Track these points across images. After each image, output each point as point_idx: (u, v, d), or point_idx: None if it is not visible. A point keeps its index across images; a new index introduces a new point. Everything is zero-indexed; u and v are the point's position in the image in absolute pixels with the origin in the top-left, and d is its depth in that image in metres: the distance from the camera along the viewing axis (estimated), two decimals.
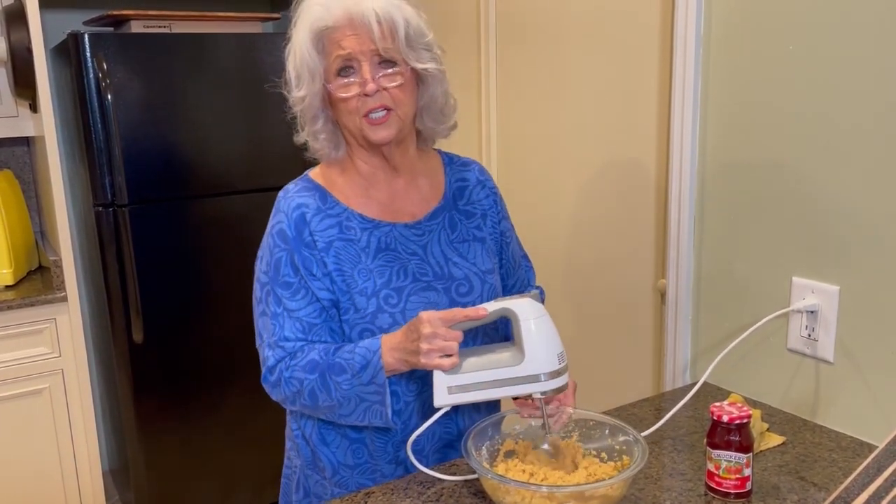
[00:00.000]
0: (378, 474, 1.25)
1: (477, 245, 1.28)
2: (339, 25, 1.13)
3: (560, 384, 1.09)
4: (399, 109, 1.16)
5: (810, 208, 1.34)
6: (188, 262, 2.44)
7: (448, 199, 1.29)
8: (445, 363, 1.07)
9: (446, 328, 1.07)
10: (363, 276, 1.19)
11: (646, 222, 1.75)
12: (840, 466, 1.21)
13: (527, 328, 1.07)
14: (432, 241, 1.25)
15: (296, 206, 1.20)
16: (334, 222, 1.21)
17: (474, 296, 1.24)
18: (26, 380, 2.31)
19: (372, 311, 1.18)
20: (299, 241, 1.18)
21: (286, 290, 1.18)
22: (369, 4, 1.12)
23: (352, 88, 1.14)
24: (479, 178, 1.34)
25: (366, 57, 1.13)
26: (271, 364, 1.20)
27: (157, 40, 2.30)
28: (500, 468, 1.11)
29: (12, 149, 2.78)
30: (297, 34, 1.17)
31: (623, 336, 1.85)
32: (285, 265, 1.19)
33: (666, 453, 1.27)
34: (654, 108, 1.68)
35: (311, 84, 1.17)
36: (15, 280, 2.40)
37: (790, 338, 1.40)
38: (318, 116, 1.21)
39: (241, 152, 2.47)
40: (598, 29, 1.80)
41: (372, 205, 1.24)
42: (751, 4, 1.39)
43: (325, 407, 1.18)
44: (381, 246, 1.21)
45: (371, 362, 1.12)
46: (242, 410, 2.62)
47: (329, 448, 1.26)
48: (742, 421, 1.08)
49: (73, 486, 2.42)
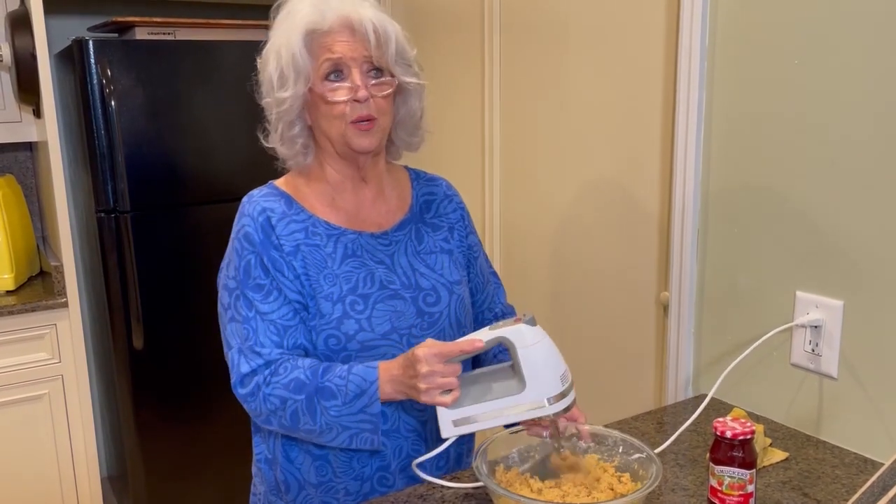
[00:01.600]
0: (342, 492, 1.23)
1: (444, 256, 1.28)
2: (332, 30, 1.13)
3: (565, 405, 1.07)
4: (382, 119, 1.17)
5: (815, 223, 1.33)
6: (189, 269, 2.44)
7: (415, 211, 1.30)
8: (447, 400, 1.06)
9: (444, 365, 1.05)
10: (329, 280, 1.17)
11: (649, 234, 1.74)
12: (844, 483, 1.20)
13: (524, 356, 1.05)
14: (399, 251, 1.24)
15: (261, 210, 1.19)
16: (300, 227, 1.19)
17: (442, 306, 1.24)
18: (26, 385, 2.30)
19: (338, 316, 1.16)
20: (267, 242, 1.17)
21: (258, 292, 1.16)
22: (367, 13, 1.13)
23: (341, 93, 1.14)
24: (447, 193, 1.35)
25: (356, 63, 1.14)
26: (245, 371, 1.15)
27: (161, 47, 2.30)
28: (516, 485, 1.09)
29: (15, 154, 2.78)
30: (284, 35, 1.15)
31: (625, 348, 1.84)
32: (255, 267, 1.16)
33: (668, 468, 1.26)
34: (658, 120, 1.67)
35: (295, 86, 1.15)
36: (16, 285, 2.40)
37: (794, 353, 1.39)
38: (295, 121, 1.19)
39: (243, 160, 2.47)
40: (603, 40, 1.80)
41: (338, 214, 1.23)
42: (756, 17, 1.39)
43: (306, 430, 1.14)
44: (348, 253, 1.20)
45: (367, 392, 1.10)
46: (242, 418, 2.60)
47: (293, 465, 1.24)
48: (745, 437, 1.07)
49: (71, 492, 2.41)
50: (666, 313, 1.68)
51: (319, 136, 1.20)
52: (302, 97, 1.16)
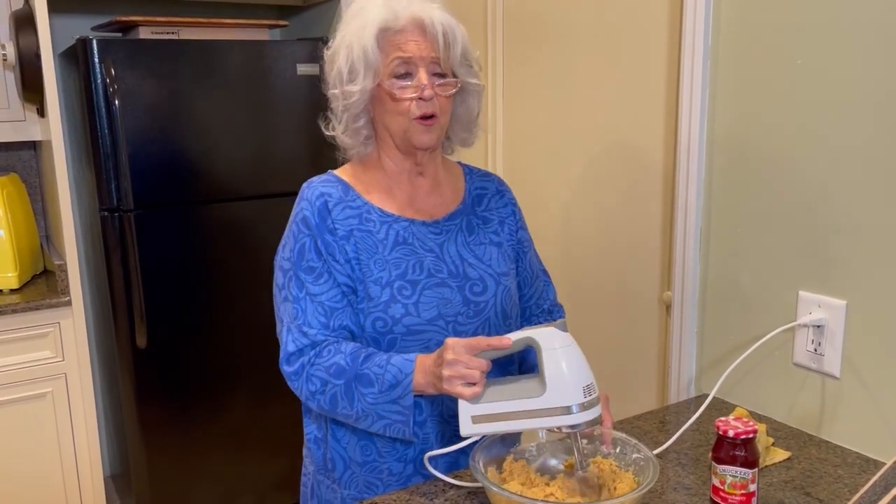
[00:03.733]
0: (386, 473, 1.26)
1: (493, 248, 1.32)
2: (405, 29, 1.18)
3: (588, 418, 1.04)
4: (442, 118, 1.22)
5: (818, 222, 1.33)
6: (193, 267, 2.44)
7: (467, 203, 1.34)
8: (466, 392, 1.06)
9: (469, 356, 1.06)
10: (379, 265, 1.22)
11: (652, 233, 1.74)
12: (846, 482, 1.20)
13: (548, 359, 1.04)
14: (449, 240, 1.28)
15: (319, 195, 1.24)
16: (355, 213, 1.24)
17: (488, 295, 1.27)
18: (30, 383, 2.31)
19: (385, 300, 1.20)
20: (322, 227, 1.22)
21: (309, 274, 1.21)
22: (437, 16, 1.18)
23: (408, 91, 1.18)
24: (499, 189, 1.39)
25: (424, 63, 1.18)
26: (291, 350, 1.20)
27: (164, 46, 2.30)
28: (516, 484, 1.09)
29: (19, 153, 2.79)
30: (357, 31, 1.19)
31: (627, 348, 1.85)
32: (309, 250, 1.21)
33: (671, 467, 1.26)
34: (661, 118, 1.67)
35: (364, 80, 1.19)
36: (20, 284, 2.40)
37: (796, 352, 1.39)
38: (361, 114, 1.24)
39: (247, 159, 2.47)
40: (605, 41, 1.80)
41: (393, 201, 1.27)
42: (759, 18, 1.39)
43: (344, 415, 1.19)
44: (399, 240, 1.24)
45: (402, 383, 1.13)
46: (245, 417, 2.61)
47: (340, 444, 1.28)
48: (748, 436, 1.07)
49: (74, 490, 2.42)
50: (668, 313, 1.68)
51: (381, 129, 1.25)
52: (369, 91, 1.21)
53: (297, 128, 2.55)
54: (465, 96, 1.27)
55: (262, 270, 2.57)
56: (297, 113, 2.54)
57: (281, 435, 2.70)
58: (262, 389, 2.63)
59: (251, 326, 2.58)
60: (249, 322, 2.57)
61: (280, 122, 2.51)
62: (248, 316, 2.57)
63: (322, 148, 2.61)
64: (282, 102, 2.51)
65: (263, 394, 2.63)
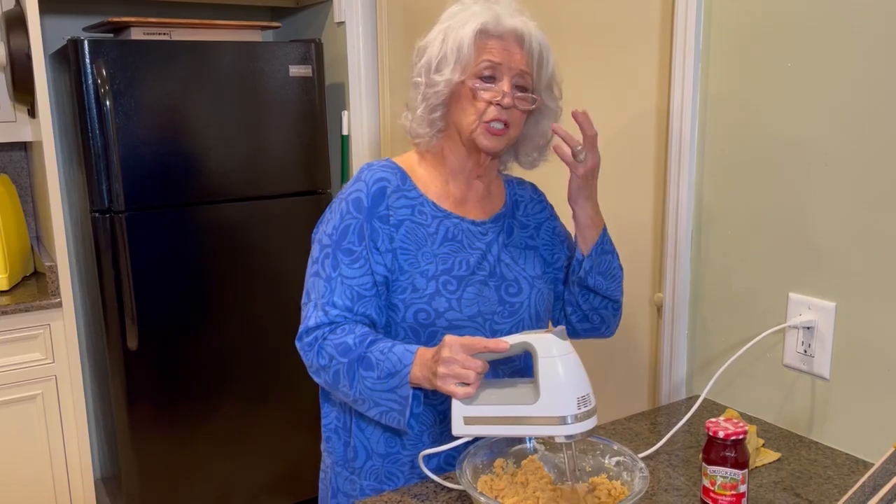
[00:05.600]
0: (408, 465, 1.28)
1: (529, 252, 1.36)
2: (503, 37, 1.21)
3: (581, 430, 1.02)
4: (513, 130, 1.25)
5: (808, 225, 1.34)
6: (184, 269, 2.43)
7: (509, 207, 1.38)
8: (459, 391, 1.06)
9: (466, 355, 1.06)
10: (427, 258, 1.24)
11: (643, 236, 1.75)
12: (836, 484, 1.20)
13: (543, 366, 1.03)
14: (492, 241, 1.31)
15: (378, 179, 1.25)
16: (409, 203, 1.26)
17: (523, 297, 1.30)
18: (19, 386, 2.30)
19: (431, 292, 1.22)
20: (373, 212, 1.23)
21: (347, 256, 1.22)
22: (536, 34, 1.23)
23: (489, 94, 1.21)
24: (532, 196, 1.43)
25: (511, 73, 1.21)
26: (311, 325, 1.22)
27: (156, 47, 2.30)
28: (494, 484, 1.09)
29: (10, 153, 2.77)
30: (456, 25, 1.22)
31: (619, 349, 1.85)
32: (352, 232, 1.23)
33: (661, 468, 1.26)
34: (653, 122, 1.68)
35: (452, 73, 1.21)
36: (10, 285, 2.39)
37: (786, 354, 1.40)
38: (438, 106, 1.26)
39: (239, 160, 2.47)
40: (596, 42, 1.80)
41: (447, 198, 1.30)
42: (751, 21, 1.40)
43: (343, 394, 1.21)
44: (448, 236, 1.27)
45: (399, 374, 1.14)
46: (236, 418, 2.61)
47: (364, 433, 1.29)
48: (738, 437, 1.07)
49: (64, 493, 2.41)
50: (660, 314, 1.68)
51: (452, 125, 1.27)
52: (452, 86, 1.23)
53: (290, 129, 2.55)
54: (539, 118, 1.30)
55: (254, 271, 2.56)
56: (289, 115, 2.54)
57: (272, 436, 2.69)
58: (254, 391, 2.62)
59: (242, 328, 2.57)
60: (241, 323, 2.57)
61: (272, 124, 2.51)
62: (240, 317, 2.56)
63: (314, 150, 2.61)
64: (274, 104, 2.51)
65: (255, 396, 2.63)
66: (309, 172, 2.61)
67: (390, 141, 2.70)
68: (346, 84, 2.73)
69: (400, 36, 2.57)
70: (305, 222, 2.62)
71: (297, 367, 2.68)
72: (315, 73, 2.57)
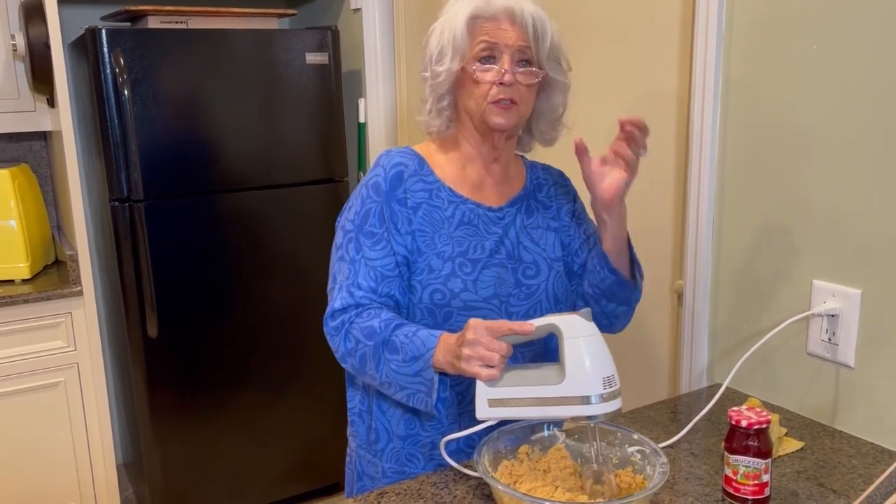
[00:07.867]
0: (428, 446, 1.29)
1: (550, 234, 1.36)
2: (495, 18, 1.22)
3: (607, 410, 1.01)
4: (522, 106, 1.25)
5: (832, 210, 1.32)
6: (203, 257, 2.45)
7: (528, 189, 1.37)
8: (483, 373, 1.06)
9: (490, 338, 1.06)
10: (443, 240, 1.26)
11: (664, 222, 1.73)
12: (860, 473, 1.19)
13: (569, 346, 1.03)
14: (510, 224, 1.32)
15: (395, 164, 1.28)
16: (426, 188, 1.28)
17: (540, 279, 1.30)
18: (42, 373, 2.32)
19: (446, 273, 1.24)
20: (392, 195, 1.25)
21: (369, 238, 1.25)
22: (527, 7, 1.22)
23: (489, 75, 1.22)
24: (558, 180, 1.42)
25: (508, 50, 1.22)
26: (337, 307, 1.24)
27: (173, 36, 2.30)
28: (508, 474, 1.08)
29: (30, 143, 2.79)
30: (453, 16, 1.24)
31: (639, 337, 1.84)
32: (373, 216, 1.25)
33: (682, 457, 1.25)
34: (674, 107, 1.66)
35: (451, 62, 1.23)
36: (31, 274, 2.42)
37: (810, 342, 1.38)
38: (445, 95, 1.28)
39: (256, 148, 2.47)
40: (618, 28, 1.78)
41: (464, 183, 1.31)
42: (774, 3, 1.37)
43: (370, 377, 1.22)
44: (465, 220, 1.28)
45: (423, 357, 1.15)
46: (256, 406, 2.62)
47: (385, 415, 1.31)
48: (761, 426, 1.06)
49: (87, 478, 2.44)
50: (680, 302, 1.67)
51: (462, 112, 1.29)
52: (454, 74, 1.24)
53: (306, 117, 2.54)
54: (549, 92, 1.30)
55: (272, 260, 2.57)
56: (306, 102, 2.53)
57: (292, 423, 2.71)
58: (274, 379, 2.64)
59: (262, 316, 2.58)
60: (260, 311, 2.58)
61: (289, 112, 2.50)
62: (259, 305, 2.57)
63: (331, 137, 2.60)
64: (291, 91, 2.51)
65: (275, 383, 2.64)
66: (326, 160, 2.61)
67: (407, 128, 2.69)
68: (363, 71, 2.72)
69: (416, 22, 2.55)
70: (323, 210, 2.62)
71: (316, 354, 2.69)
72: (331, 61, 2.56)
